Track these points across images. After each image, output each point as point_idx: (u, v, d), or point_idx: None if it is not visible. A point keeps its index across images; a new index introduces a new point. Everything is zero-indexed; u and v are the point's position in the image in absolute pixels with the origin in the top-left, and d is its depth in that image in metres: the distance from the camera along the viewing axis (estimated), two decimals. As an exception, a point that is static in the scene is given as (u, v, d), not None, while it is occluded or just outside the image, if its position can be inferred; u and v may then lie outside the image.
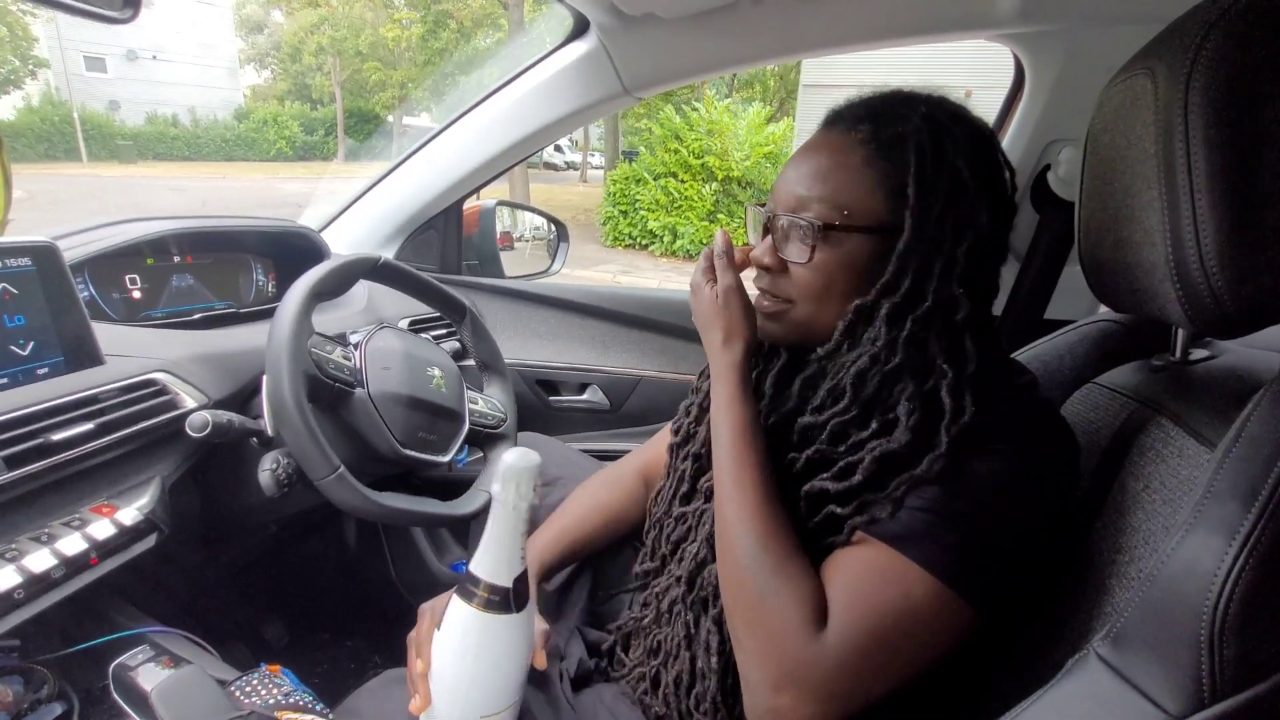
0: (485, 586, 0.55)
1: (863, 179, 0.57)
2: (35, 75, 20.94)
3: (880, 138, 0.57)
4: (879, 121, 0.58)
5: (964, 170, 0.55)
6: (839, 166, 0.58)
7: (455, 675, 0.57)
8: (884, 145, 0.57)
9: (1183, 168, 0.45)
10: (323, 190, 9.51)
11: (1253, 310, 0.45)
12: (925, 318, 0.55)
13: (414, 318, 1.27)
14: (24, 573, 0.63)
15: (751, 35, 1.10)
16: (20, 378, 0.67)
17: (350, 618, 1.40)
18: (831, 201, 0.57)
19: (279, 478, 0.81)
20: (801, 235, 0.59)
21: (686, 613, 0.64)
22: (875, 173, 0.57)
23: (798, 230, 0.59)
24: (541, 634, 0.70)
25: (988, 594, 0.51)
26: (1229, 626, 0.37)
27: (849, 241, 0.57)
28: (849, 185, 0.57)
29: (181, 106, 24.35)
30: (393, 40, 18.64)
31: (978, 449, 0.52)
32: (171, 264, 1.06)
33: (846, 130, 0.59)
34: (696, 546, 0.66)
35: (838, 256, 0.58)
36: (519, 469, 0.53)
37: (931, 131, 0.56)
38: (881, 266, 0.56)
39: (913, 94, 0.60)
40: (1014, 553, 0.52)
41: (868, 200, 0.56)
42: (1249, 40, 0.43)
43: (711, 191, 9.09)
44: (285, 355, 0.78)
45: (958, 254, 0.55)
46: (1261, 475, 0.39)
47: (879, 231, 0.56)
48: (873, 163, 0.57)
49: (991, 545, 0.51)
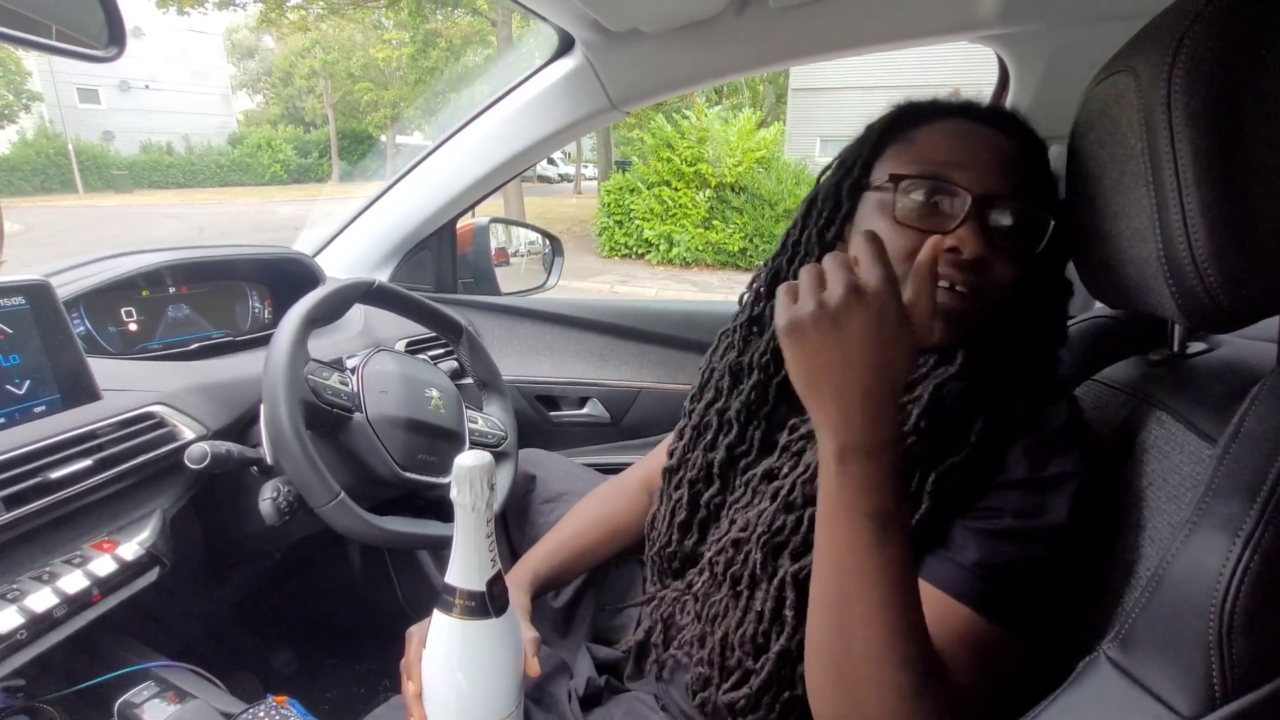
0: (460, 594, 0.55)
1: (1046, 181, 0.62)
2: (29, 109, 21.10)
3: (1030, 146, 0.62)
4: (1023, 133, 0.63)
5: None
6: (1033, 165, 0.62)
7: (445, 689, 0.57)
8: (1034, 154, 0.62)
9: (1169, 164, 0.45)
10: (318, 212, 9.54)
11: (1246, 304, 0.45)
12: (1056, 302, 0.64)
13: (411, 339, 1.27)
14: (26, 613, 0.63)
15: (735, 46, 1.11)
16: (17, 417, 0.66)
17: (358, 642, 1.39)
18: (1041, 195, 0.60)
19: (280, 506, 0.80)
20: (1034, 228, 0.59)
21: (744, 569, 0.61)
22: (1041, 177, 0.62)
23: (1029, 221, 0.59)
24: (531, 642, 0.69)
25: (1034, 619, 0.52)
26: (1237, 625, 0.37)
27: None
28: (1044, 185, 0.62)
29: (175, 134, 24.51)
30: (383, 61, 18.77)
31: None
32: (167, 295, 1.07)
33: (1012, 134, 0.62)
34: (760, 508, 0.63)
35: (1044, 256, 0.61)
36: (470, 468, 0.52)
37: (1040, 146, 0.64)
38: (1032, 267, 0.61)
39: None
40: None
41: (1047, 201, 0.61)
42: (1229, 35, 0.43)
43: (705, 198, 9.12)
44: (282, 383, 0.78)
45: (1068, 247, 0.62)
46: (1262, 471, 0.38)
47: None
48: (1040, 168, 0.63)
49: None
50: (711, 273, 9.07)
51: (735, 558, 0.62)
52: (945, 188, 0.58)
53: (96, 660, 0.79)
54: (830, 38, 1.08)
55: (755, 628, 0.59)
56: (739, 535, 0.63)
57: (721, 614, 0.63)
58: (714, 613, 0.64)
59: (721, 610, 0.63)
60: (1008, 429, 0.54)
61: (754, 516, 0.62)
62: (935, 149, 0.59)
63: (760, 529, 0.60)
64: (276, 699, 0.76)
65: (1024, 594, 0.51)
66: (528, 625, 0.73)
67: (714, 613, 0.64)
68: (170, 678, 0.77)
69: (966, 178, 0.57)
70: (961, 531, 0.53)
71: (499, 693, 0.57)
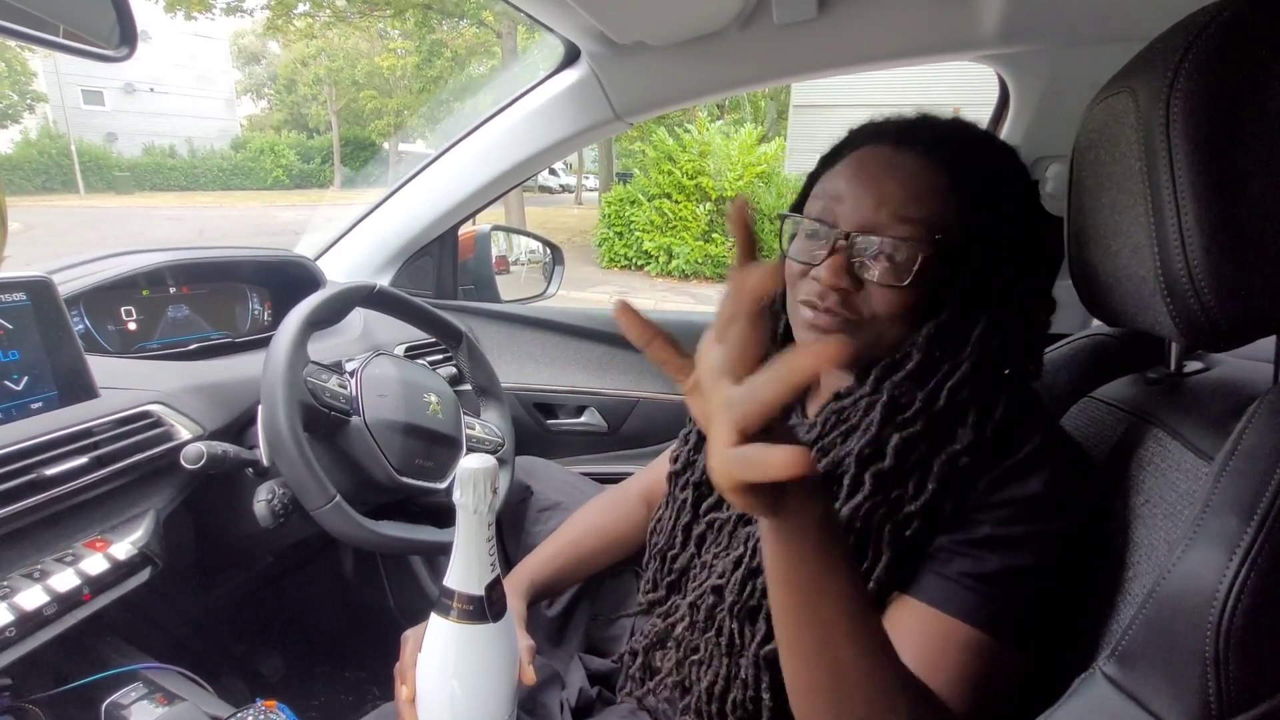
0: (459, 597, 0.55)
1: (948, 203, 0.57)
2: (33, 109, 21.15)
3: (959, 164, 0.58)
4: (954, 147, 0.59)
5: (1027, 196, 0.61)
6: (928, 190, 0.57)
7: (440, 695, 0.56)
8: (964, 171, 0.58)
9: (1167, 184, 0.45)
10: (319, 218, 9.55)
11: (1243, 323, 0.45)
12: (1011, 331, 0.57)
13: (410, 344, 1.27)
14: (15, 610, 0.62)
15: (740, 61, 1.12)
16: (14, 413, 0.66)
17: (348, 649, 1.38)
18: (925, 224, 0.56)
19: (274, 508, 0.80)
20: (899, 259, 0.57)
21: (731, 621, 0.61)
22: (958, 198, 0.57)
23: (897, 253, 0.57)
24: (527, 649, 0.68)
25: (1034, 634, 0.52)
26: (1234, 642, 0.37)
27: (940, 265, 0.57)
28: (939, 210, 0.57)
29: (179, 137, 24.58)
30: (388, 69, 18.90)
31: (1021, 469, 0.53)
32: (167, 295, 1.07)
33: (924, 153, 0.58)
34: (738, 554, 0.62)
35: (930, 280, 0.57)
36: (474, 471, 0.52)
37: (1000, 161, 0.61)
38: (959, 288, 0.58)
39: (972, 124, 0.63)
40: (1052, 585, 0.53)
41: (954, 224, 0.57)
42: (1227, 58, 0.44)
43: (705, 211, 9.16)
44: (280, 385, 0.78)
45: (1040, 275, 0.59)
46: (1259, 488, 0.39)
47: (962, 253, 0.57)
48: (955, 188, 0.58)
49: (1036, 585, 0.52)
50: (710, 286, 9.09)
51: (716, 607, 0.62)
52: (816, 227, 0.60)
53: (85, 660, 0.78)
54: (833, 54, 1.10)
55: (743, 694, 0.59)
56: (717, 582, 0.63)
57: (706, 663, 0.63)
58: (695, 659, 0.64)
59: (706, 659, 0.63)
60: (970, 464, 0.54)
61: (730, 565, 0.62)
62: (834, 182, 0.61)
63: (731, 596, 0.60)
64: (265, 703, 0.76)
65: (1015, 605, 0.51)
66: (523, 632, 0.72)
67: (695, 659, 0.64)
68: (159, 680, 0.76)
69: (841, 211, 0.59)
70: (945, 549, 0.53)
71: (494, 699, 0.57)
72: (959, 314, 0.57)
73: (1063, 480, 0.53)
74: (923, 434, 0.55)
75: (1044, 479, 0.52)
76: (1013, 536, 0.52)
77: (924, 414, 0.55)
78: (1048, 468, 0.53)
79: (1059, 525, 0.52)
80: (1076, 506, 0.54)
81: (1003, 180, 0.59)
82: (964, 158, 0.58)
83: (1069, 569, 0.53)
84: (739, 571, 0.60)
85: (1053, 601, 0.53)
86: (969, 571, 0.51)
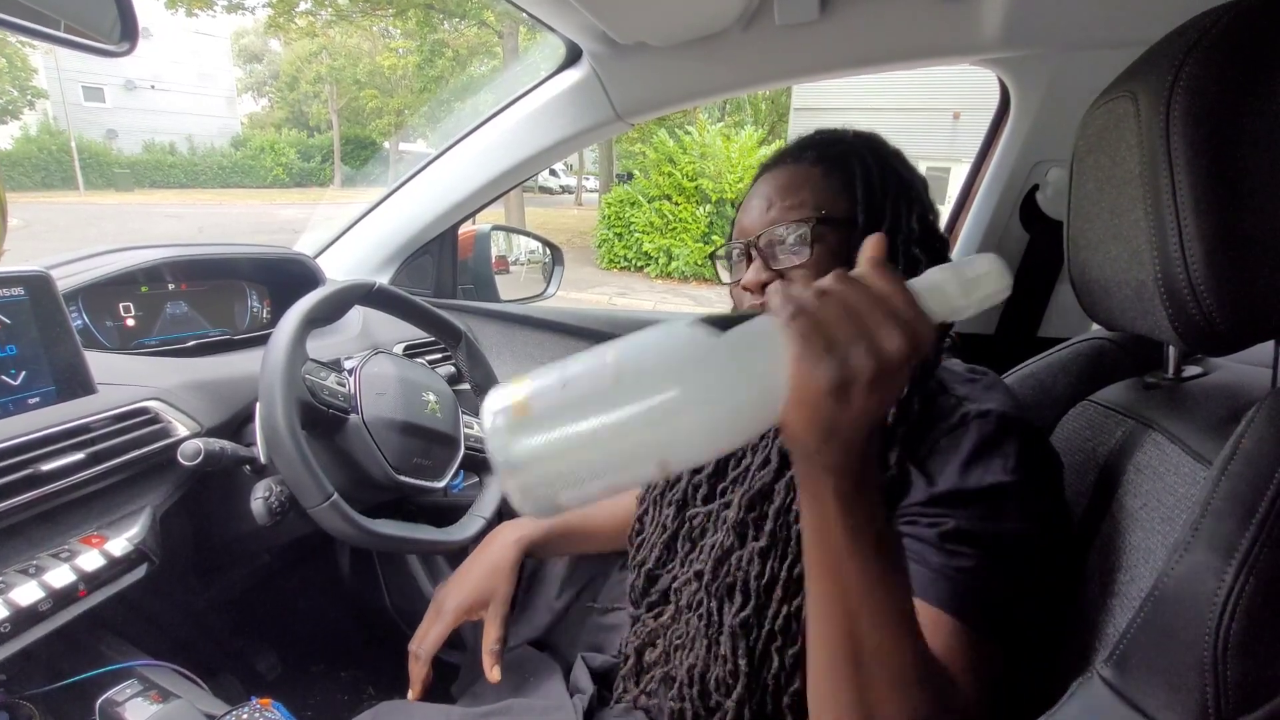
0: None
1: (826, 185, 0.65)
2: (33, 105, 21.13)
3: (827, 155, 0.66)
4: (820, 147, 0.68)
5: (895, 162, 0.68)
6: (802, 183, 0.65)
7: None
8: (832, 159, 0.66)
9: (1167, 188, 0.45)
10: (319, 216, 9.56)
11: (1242, 328, 0.45)
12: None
13: (409, 343, 1.27)
14: (10, 606, 0.62)
15: (741, 62, 1.12)
16: (11, 407, 0.66)
17: (344, 648, 1.38)
18: (810, 205, 0.64)
19: (271, 506, 0.80)
20: (794, 239, 0.63)
21: (709, 600, 0.63)
22: (835, 180, 0.65)
23: (790, 235, 0.63)
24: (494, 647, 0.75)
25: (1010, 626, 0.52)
26: (1232, 646, 0.37)
27: (832, 236, 0.63)
28: (819, 191, 0.65)
29: (179, 135, 24.57)
30: (389, 68, 18.91)
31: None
32: (166, 291, 1.06)
33: (794, 160, 0.68)
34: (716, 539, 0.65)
35: (829, 249, 0.63)
36: None
37: (863, 142, 0.69)
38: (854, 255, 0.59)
39: (839, 128, 0.71)
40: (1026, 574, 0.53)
41: (835, 201, 0.64)
42: (1227, 62, 0.44)
43: (705, 213, 9.17)
44: (279, 382, 0.77)
45: (913, 224, 0.64)
46: (1258, 492, 0.39)
47: (853, 224, 0.63)
48: (829, 174, 0.65)
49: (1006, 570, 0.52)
50: (710, 287, 9.09)
51: (697, 593, 0.65)
52: (731, 247, 0.70)
53: (80, 657, 0.78)
54: (834, 57, 1.10)
55: (722, 669, 0.60)
56: (699, 568, 0.65)
57: (688, 646, 0.64)
58: (678, 644, 0.66)
59: (688, 643, 0.65)
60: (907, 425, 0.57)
61: (707, 549, 0.66)
62: (738, 211, 0.71)
63: (707, 576, 0.63)
64: (260, 701, 0.75)
65: (996, 600, 0.51)
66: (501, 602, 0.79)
67: (678, 644, 0.66)
68: (153, 677, 0.76)
69: (743, 228, 0.68)
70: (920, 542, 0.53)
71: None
72: None
73: (1021, 468, 0.53)
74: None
75: (1003, 468, 0.53)
76: (981, 532, 0.52)
77: None
78: (1006, 455, 0.54)
79: (1025, 521, 0.53)
80: (1040, 498, 0.54)
81: (870, 155, 0.66)
82: (829, 149, 0.67)
83: (1046, 557, 0.54)
84: (715, 552, 0.63)
85: (1035, 595, 0.53)
86: (949, 565, 0.52)
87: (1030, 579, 0.53)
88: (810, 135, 0.71)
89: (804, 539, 0.45)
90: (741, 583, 0.61)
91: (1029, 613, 0.53)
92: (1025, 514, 0.53)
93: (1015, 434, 0.55)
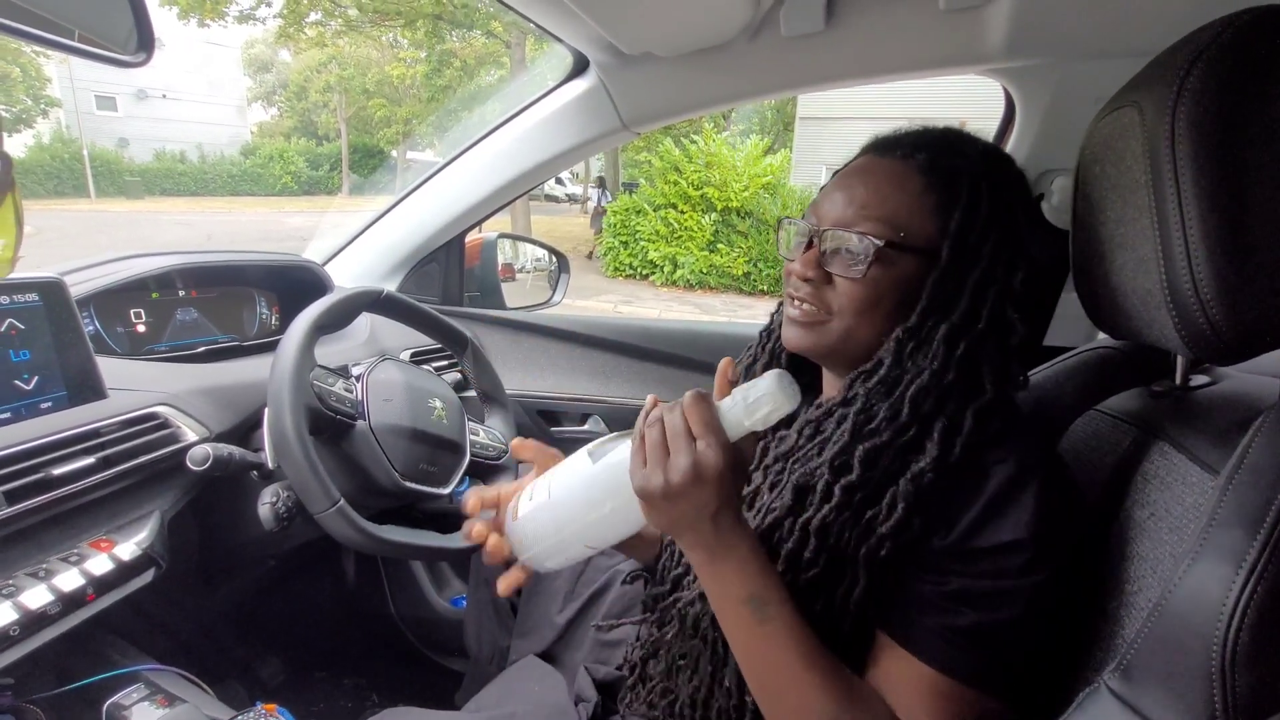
0: None
1: (920, 204, 0.58)
2: (47, 114, 21.37)
3: (938, 166, 0.58)
4: (935, 151, 0.59)
5: (1016, 204, 0.59)
6: (897, 189, 0.58)
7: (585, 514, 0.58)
8: (942, 174, 0.58)
9: (1172, 198, 0.45)
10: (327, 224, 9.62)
11: (1249, 337, 0.45)
12: (980, 338, 0.56)
13: (416, 349, 1.28)
14: (20, 609, 0.62)
15: (747, 72, 1.13)
16: (23, 412, 0.67)
17: (348, 655, 1.38)
18: (889, 221, 0.57)
19: (278, 511, 0.80)
20: (857, 250, 0.58)
21: (714, 630, 0.61)
22: (932, 199, 0.58)
23: (854, 245, 0.58)
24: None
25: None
26: (1240, 656, 0.37)
27: (902, 262, 0.57)
28: (906, 208, 0.58)
29: (189, 143, 24.78)
30: (398, 78, 19.04)
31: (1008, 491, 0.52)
32: (176, 298, 1.07)
33: (903, 157, 0.60)
34: None
35: (890, 275, 0.57)
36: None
37: (988, 166, 0.59)
38: (925, 291, 0.57)
39: (968, 133, 0.63)
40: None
41: (924, 224, 0.57)
42: (1232, 72, 0.44)
43: (711, 222, 9.19)
44: (287, 388, 0.78)
45: (1014, 282, 0.57)
46: (1265, 502, 0.38)
47: (932, 255, 0.57)
48: (930, 190, 0.58)
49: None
50: (715, 296, 9.10)
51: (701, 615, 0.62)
52: (801, 225, 0.63)
53: (87, 660, 0.79)
54: (840, 67, 1.10)
55: (725, 702, 0.60)
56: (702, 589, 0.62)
57: (691, 668, 0.63)
58: (681, 664, 0.64)
59: (691, 665, 0.63)
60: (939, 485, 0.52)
61: None
62: (825, 189, 0.64)
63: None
64: (265, 707, 0.76)
65: (990, 658, 0.50)
66: None
67: (681, 664, 0.64)
68: (160, 681, 0.77)
69: (822, 212, 0.62)
70: (923, 596, 0.52)
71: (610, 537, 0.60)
72: (925, 317, 0.57)
73: (1038, 523, 0.50)
74: (887, 445, 0.54)
75: (1017, 523, 0.50)
76: (985, 591, 0.50)
77: (889, 424, 0.54)
78: (1023, 508, 0.50)
79: (1034, 576, 0.50)
80: (1053, 552, 0.51)
81: (987, 185, 0.58)
82: (943, 160, 0.59)
83: (1050, 612, 0.52)
84: None
85: (1034, 645, 0.52)
86: (946, 624, 0.51)
87: (1030, 628, 0.51)
88: (931, 131, 0.63)
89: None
90: None
91: (1025, 658, 0.52)
92: (1035, 567, 0.50)
93: (1034, 484, 0.51)
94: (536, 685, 0.82)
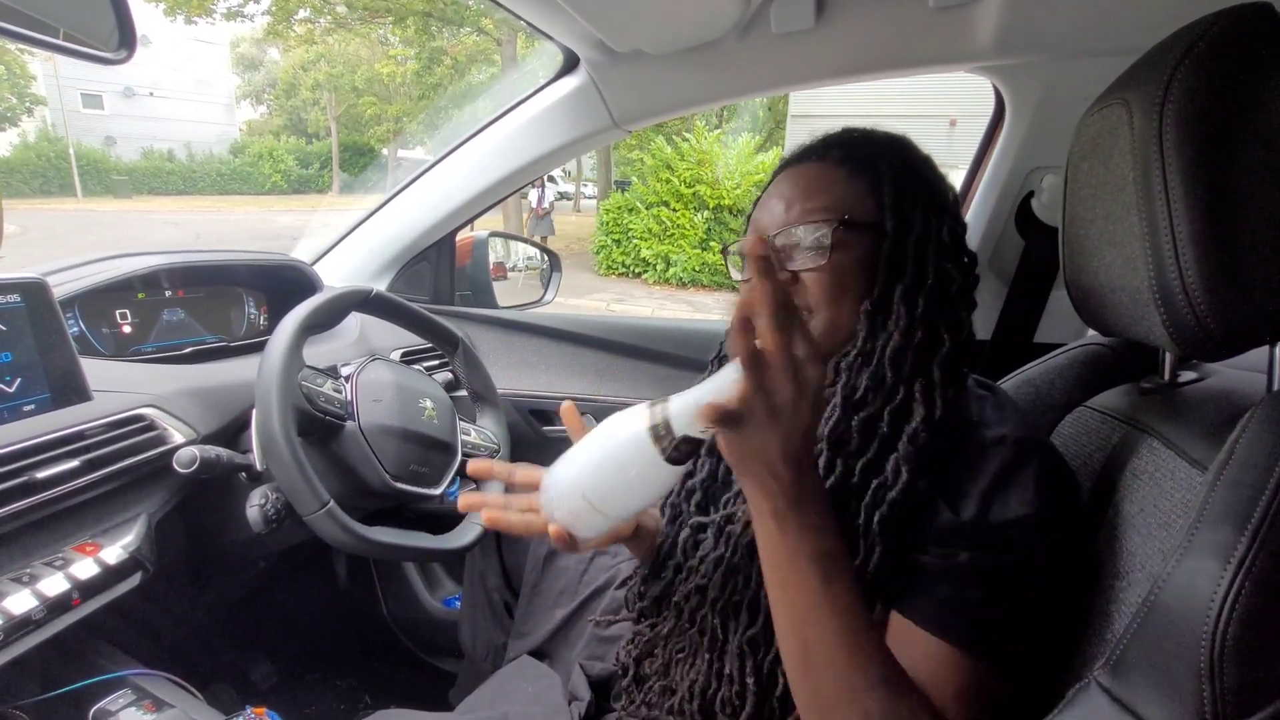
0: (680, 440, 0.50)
1: (852, 189, 0.62)
2: (32, 112, 21.14)
3: (855, 156, 0.64)
4: (847, 146, 0.65)
5: (927, 171, 0.65)
6: (828, 183, 0.63)
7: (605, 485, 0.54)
8: (860, 161, 0.63)
9: (1160, 195, 0.46)
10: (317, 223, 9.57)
11: (1236, 333, 0.46)
12: (932, 292, 0.59)
13: (406, 349, 1.27)
14: (4, 614, 0.62)
15: (737, 70, 1.13)
16: (6, 414, 0.66)
17: (340, 657, 1.37)
18: (833, 209, 0.61)
19: (267, 513, 0.80)
20: (814, 241, 0.61)
21: (714, 617, 0.62)
22: (861, 182, 0.62)
23: (809, 237, 0.61)
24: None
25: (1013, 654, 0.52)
26: (1229, 651, 0.37)
27: (856, 243, 0.61)
28: (843, 194, 0.62)
29: (177, 141, 24.60)
30: (388, 76, 18.97)
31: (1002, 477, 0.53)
32: (162, 298, 1.06)
33: (819, 159, 0.65)
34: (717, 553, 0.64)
35: (851, 257, 0.61)
36: None
37: (895, 147, 0.65)
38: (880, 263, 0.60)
39: (868, 128, 0.68)
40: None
41: (862, 205, 0.62)
42: (1219, 70, 0.44)
43: (703, 220, 9.19)
44: (275, 389, 0.77)
45: (943, 236, 0.61)
46: (1253, 498, 0.39)
47: (879, 230, 0.61)
48: (856, 175, 0.63)
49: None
50: (707, 293, 9.11)
51: (699, 608, 0.63)
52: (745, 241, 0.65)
53: (73, 666, 0.78)
54: (830, 64, 1.10)
55: (729, 690, 0.60)
56: (700, 583, 0.64)
57: (690, 661, 0.63)
58: (679, 658, 0.65)
59: (690, 657, 0.63)
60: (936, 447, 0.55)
61: (711, 565, 0.64)
62: (756, 209, 0.68)
63: (714, 593, 0.62)
64: (255, 711, 0.75)
65: (1000, 628, 0.51)
66: None
67: (679, 658, 0.65)
68: (147, 686, 0.76)
69: (761, 225, 0.65)
70: (932, 570, 0.53)
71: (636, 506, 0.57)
72: (886, 287, 0.60)
73: (1042, 499, 0.52)
74: (879, 413, 0.57)
75: (1022, 499, 0.52)
76: (992, 565, 0.51)
77: (875, 392, 0.57)
78: (1025, 486, 0.52)
79: (1040, 550, 0.52)
80: (1058, 526, 0.53)
81: (902, 160, 0.63)
82: (857, 151, 0.64)
83: (1055, 586, 0.53)
84: (720, 569, 0.62)
85: (1040, 621, 0.53)
86: (956, 598, 0.52)
87: (1036, 603, 0.52)
88: (837, 133, 0.68)
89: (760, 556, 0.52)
90: (749, 600, 0.59)
91: (1030, 634, 0.52)
92: (1042, 544, 0.52)
93: (1033, 461, 0.54)
94: (530, 685, 0.82)
